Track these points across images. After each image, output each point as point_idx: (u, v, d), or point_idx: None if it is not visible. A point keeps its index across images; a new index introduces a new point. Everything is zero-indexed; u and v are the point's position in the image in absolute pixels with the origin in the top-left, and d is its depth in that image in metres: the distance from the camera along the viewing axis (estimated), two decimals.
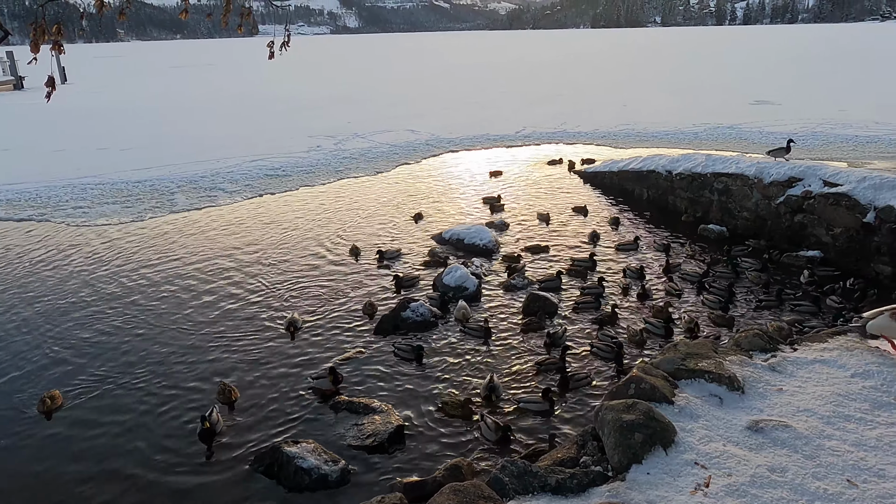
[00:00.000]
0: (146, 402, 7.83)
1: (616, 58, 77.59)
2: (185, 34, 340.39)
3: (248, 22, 4.84)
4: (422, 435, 7.10)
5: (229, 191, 17.85)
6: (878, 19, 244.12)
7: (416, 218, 14.99)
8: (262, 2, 6.63)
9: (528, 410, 7.36)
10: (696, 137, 24.63)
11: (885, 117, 26.30)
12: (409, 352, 8.76)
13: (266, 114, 33.12)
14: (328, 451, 6.64)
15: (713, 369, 4.22)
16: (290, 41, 5.68)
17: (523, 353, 8.83)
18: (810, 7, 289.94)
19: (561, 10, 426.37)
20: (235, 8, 5.23)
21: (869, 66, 52.03)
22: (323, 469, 6.34)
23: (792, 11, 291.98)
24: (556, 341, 8.80)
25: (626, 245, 12.97)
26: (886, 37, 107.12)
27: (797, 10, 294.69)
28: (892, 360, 4.55)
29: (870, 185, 11.55)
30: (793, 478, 3.34)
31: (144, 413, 7.63)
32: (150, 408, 7.70)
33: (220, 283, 11.43)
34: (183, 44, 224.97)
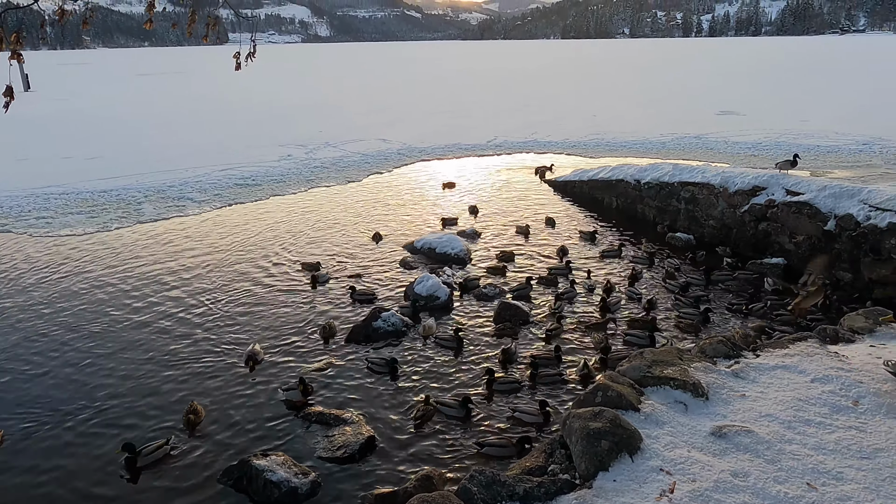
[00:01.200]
0: (108, 421, 7.65)
1: (585, 68, 78.64)
2: (153, 42, 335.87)
3: (214, 31, 4.81)
4: (393, 445, 7.07)
5: (198, 200, 17.63)
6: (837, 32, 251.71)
7: (375, 238, 14.23)
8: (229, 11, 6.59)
9: (522, 421, 7.32)
10: (663, 147, 25.04)
11: (844, 128, 27.05)
12: (383, 365, 8.66)
13: (236, 122, 32.83)
14: (298, 463, 6.57)
15: (678, 376, 4.28)
16: (257, 51, 5.65)
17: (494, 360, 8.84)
18: (773, 20, 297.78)
19: (531, 21, 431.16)
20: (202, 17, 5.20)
21: (829, 78, 53.51)
22: (293, 482, 6.27)
23: (755, 24, 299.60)
24: (511, 357, 8.71)
25: (610, 252, 13.25)
26: (845, 50, 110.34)
27: (760, 23, 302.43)
28: (849, 365, 4.67)
29: (830, 194, 11.87)
30: (755, 482, 3.41)
31: (110, 428, 7.46)
32: (112, 428, 7.51)
33: (184, 296, 11.20)
34: (151, 51, 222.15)
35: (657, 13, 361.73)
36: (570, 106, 38.41)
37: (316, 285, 11.52)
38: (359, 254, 13.35)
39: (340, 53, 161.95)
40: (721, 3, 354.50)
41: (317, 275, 11.78)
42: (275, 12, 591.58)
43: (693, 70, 70.27)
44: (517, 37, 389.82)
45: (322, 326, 9.83)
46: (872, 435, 3.88)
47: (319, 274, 11.84)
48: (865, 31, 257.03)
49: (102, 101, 45.19)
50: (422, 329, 9.72)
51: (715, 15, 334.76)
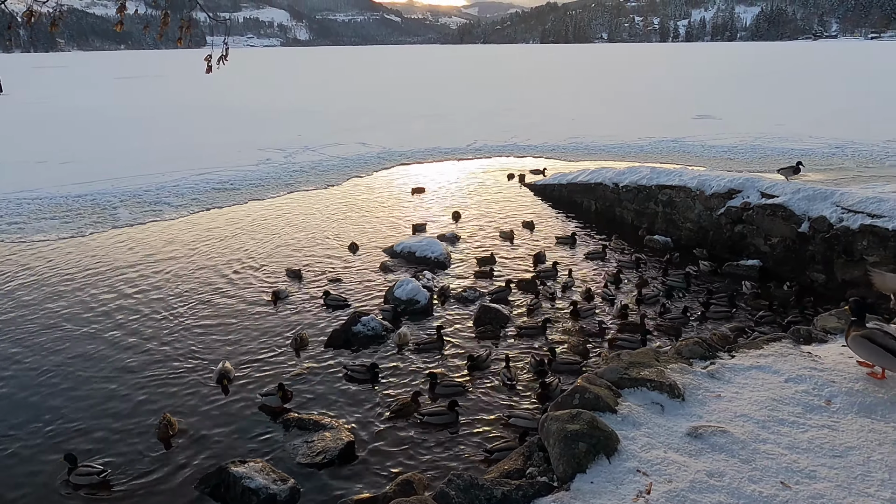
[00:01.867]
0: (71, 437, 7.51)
1: (564, 73, 79.22)
2: (129, 45, 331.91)
3: (187, 35, 4.75)
4: (373, 450, 7.04)
5: (175, 205, 17.44)
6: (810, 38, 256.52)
7: (352, 248, 13.80)
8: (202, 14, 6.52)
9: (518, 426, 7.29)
10: (641, 150, 25.28)
11: (818, 131, 27.53)
12: (363, 372, 8.52)
13: (214, 126, 32.56)
14: (277, 469, 6.51)
15: (655, 377, 4.32)
16: (236, 55, 5.60)
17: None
18: (748, 26, 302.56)
19: (511, 26, 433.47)
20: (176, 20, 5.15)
21: (803, 83, 54.45)
22: (271, 489, 6.20)
23: (731, 30, 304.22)
24: (480, 365, 8.62)
25: (594, 254, 13.38)
26: (819, 55, 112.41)
27: (736, 28, 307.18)
28: (822, 365, 4.74)
29: (803, 197, 12.06)
30: (730, 482, 3.44)
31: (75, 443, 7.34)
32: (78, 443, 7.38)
33: (159, 304, 11.01)
34: (127, 54, 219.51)
35: (635, 18, 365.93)
36: (549, 110, 38.64)
37: (277, 302, 10.98)
38: (338, 258, 13.29)
39: (320, 57, 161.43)
40: (697, 8, 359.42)
41: (277, 291, 11.20)
42: (253, 16, 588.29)
43: (670, 74, 71.11)
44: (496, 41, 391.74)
45: (294, 338, 9.51)
46: (844, 433, 3.94)
47: (280, 290, 11.26)
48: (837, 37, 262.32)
49: (77, 105, 44.55)
50: (396, 338, 9.54)
51: (691, 20, 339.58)
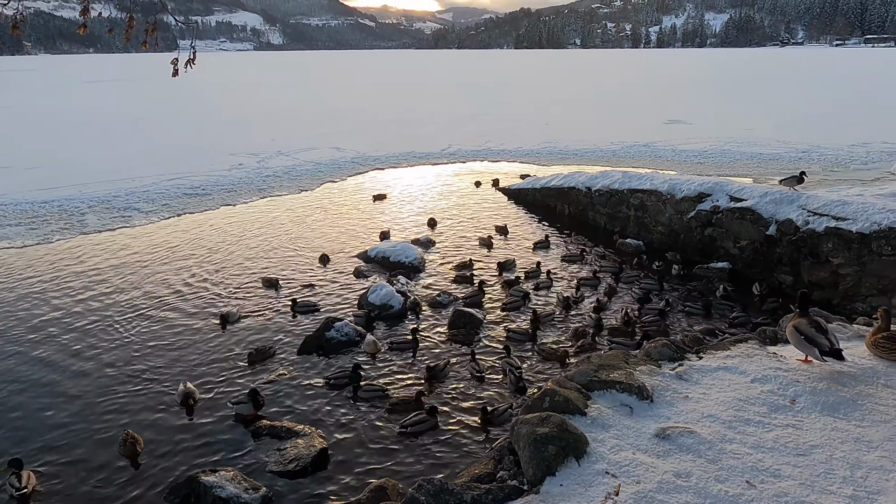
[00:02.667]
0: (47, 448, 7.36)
1: (538, 78, 79.78)
2: (98, 48, 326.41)
3: (153, 38, 4.68)
4: (347, 457, 6.99)
5: (145, 211, 17.17)
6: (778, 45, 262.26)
7: (322, 260, 13.23)
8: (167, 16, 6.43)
9: None
10: (613, 155, 25.55)
11: (786, 136, 28.11)
12: (345, 379, 8.38)
13: (185, 131, 32.17)
14: (248, 478, 6.43)
15: (624, 380, 4.36)
16: (210, 59, 5.54)
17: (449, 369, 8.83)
18: (717, 32, 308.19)
19: (485, 31, 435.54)
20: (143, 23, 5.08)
21: (772, 89, 55.55)
22: (243, 497, 6.13)
23: (701, 36, 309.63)
24: (437, 374, 8.54)
25: (573, 257, 13.51)
26: (786, 61, 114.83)
27: (706, 35, 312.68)
28: (787, 365, 4.83)
29: (771, 200, 12.28)
30: (697, 482, 3.48)
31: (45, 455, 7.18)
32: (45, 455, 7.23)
33: (126, 313, 10.81)
34: (97, 58, 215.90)
35: (607, 24, 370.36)
36: (522, 115, 38.89)
37: (225, 326, 10.18)
38: (311, 264, 13.19)
39: (293, 61, 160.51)
40: (668, 15, 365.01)
41: (226, 314, 10.37)
42: (226, 19, 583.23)
43: (642, 80, 72.03)
44: (471, 46, 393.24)
45: (250, 352, 9.22)
46: (808, 432, 4.01)
47: (230, 313, 10.45)
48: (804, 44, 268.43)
49: (43, 109, 43.70)
50: (365, 346, 9.44)
51: (662, 27, 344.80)
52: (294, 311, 10.76)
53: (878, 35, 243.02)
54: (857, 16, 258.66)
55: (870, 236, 10.38)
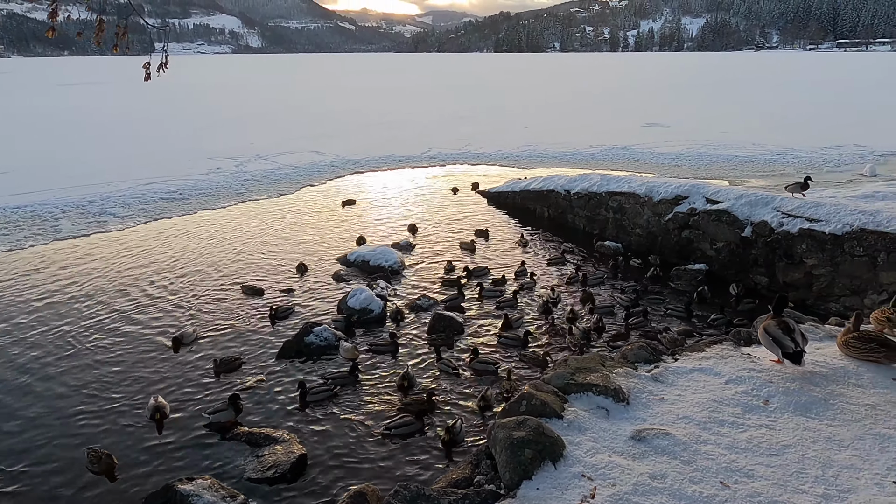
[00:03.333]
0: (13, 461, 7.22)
1: (517, 81, 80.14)
2: (73, 51, 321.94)
3: (123, 41, 4.61)
4: (326, 463, 6.95)
5: (121, 215, 16.95)
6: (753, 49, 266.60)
7: (301, 269, 12.89)
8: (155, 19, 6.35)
9: None
10: (592, 158, 25.73)
11: (761, 139, 28.51)
12: (325, 392, 8.18)
13: (162, 134, 31.83)
14: (226, 486, 6.36)
15: (601, 382, 4.38)
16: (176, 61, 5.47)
17: (430, 371, 8.83)
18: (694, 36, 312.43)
19: (465, 35, 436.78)
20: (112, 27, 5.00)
21: (747, 92, 56.33)
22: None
23: (678, 40, 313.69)
24: (412, 382, 8.39)
25: (556, 259, 13.64)
26: (761, 65, 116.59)
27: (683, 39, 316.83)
28: (761, 366, 4.89)
29: (746, 202, 12.44)
30: (671, 483, 3.51)
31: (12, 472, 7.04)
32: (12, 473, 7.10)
33: (99, 321, 10.64)
34: (71, 61, 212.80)
35: (586, 28, 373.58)
36: (502, 118, 39.03)
37: (179, 348, 9.54)
38: (290, 268, 13.09)
39: (272, 64, 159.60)
40: (645, 19, 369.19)
41: (180, 336, 9.68)
42: (203, 22, 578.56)
43: (620, 83, 72.69)
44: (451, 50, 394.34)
45: (215, 360, 9.05)
46: (781, 432, 4.07)
47: (184, 334, 9.73)
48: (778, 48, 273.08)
49: (16, 113, 42.97)
50: (343, 352, 9.31)
51: (640, 31, 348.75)
52: (273, 318, 10.62)
53: (850, 39, 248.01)
54: (829, 20, 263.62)
55: (842, 237, 10.56)
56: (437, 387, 8.42)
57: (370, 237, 15.18)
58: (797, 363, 4.66)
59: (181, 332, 9.82)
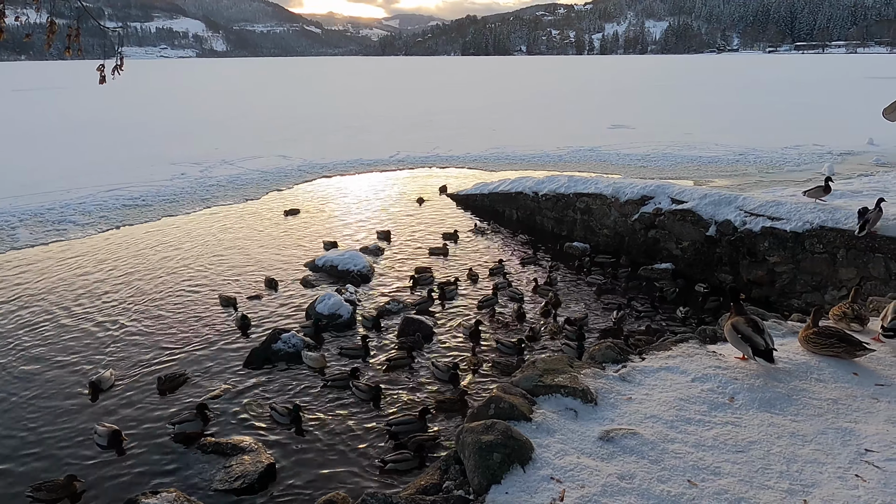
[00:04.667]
0: None
1: (485, 84, 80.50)
2: (31, 55, 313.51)
3: (76, 44, 4.47)
4: (295, 471, 6.85)
5: (81, 223, 16.52)
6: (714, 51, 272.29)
7: (270, 284, 12.24)
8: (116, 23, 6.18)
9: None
10: (560, 159, 25.93)
11: (723, 139, 29.06)
12: (287, 414, 7.73)
13: (124, 140, 31.15)
14: (192, 499, 6.22)
15: (569, 383, 4.38)
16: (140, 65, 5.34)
17: (403, 380, 8.76)
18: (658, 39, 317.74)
19: (432, 38, 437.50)
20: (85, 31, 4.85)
21: (709, 93, 57.43)
22: None
23: (642, 43, 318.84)
24: (371, 393, 8.16)
25: (528, 259, 13.81)
26: (722, 67, 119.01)
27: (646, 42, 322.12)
28: (726, 363, 4.95)
29: (710, 202, 12.64)
30: (640, 483, 3.52)
31: None
32: None
33: (56, 333, 10.37)
34: (28, 65, 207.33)
35: (552, 32, 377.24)
36: (470, 121, 39.12)
37: (97, 395, 8.30)
38: (257, 276, 12.89)
39: (237, 68, 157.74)
40: (610, 23, 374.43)
41: (98, 380, 8.39)
42: (166, 26, 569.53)
43: (586, 86, 73.50)
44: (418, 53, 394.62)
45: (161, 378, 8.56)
46: (746, 429, 4.11)
47: (102, 379, 8.42)
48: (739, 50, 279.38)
49: None
50: (310, 361, 9.10)
51: (605, 34, 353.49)
52: (241, 327, 10.37)
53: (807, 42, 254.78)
54: (787, 24, 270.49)
55: (803, 235, 10.79)
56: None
57: (341, 242, 15.04)
58: (769, 361, 4.72)
59: (98, 377, 8.41)
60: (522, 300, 11.23)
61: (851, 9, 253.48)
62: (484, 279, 12.47)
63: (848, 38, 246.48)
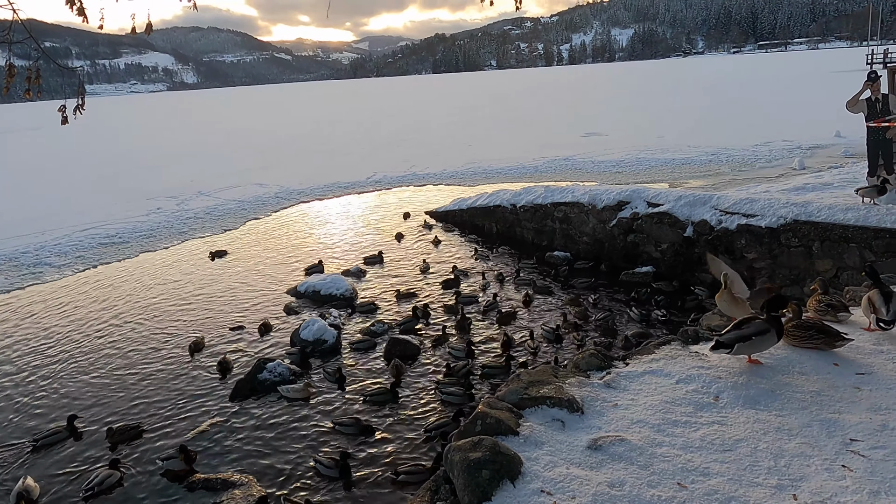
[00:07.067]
0: None
1: (457, 100, 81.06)
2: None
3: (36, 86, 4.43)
4: (288, 502, 6.73)
5: (57, 265, 16.29)
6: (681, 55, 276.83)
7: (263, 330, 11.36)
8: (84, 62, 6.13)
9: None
10: (536, 170, 26.11)
11: (694, 141, 29.47)
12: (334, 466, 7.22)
13: (97, 178, 30.86)
14: None
15: (554, 394, 4.36)
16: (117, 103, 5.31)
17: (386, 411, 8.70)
18: (625, 47, 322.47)
19: (402, 58, 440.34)
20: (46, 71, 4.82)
21: (678, 96, 58.32)
22: None
23: (609, 51, 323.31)
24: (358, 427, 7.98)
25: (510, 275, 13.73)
26: (689, 70, 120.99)
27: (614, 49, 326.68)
28: (709, 363, 4.97)
29: (685, 203, 12.78)
30: (630, 490, 3.50)
31: None
32: None
33: (32, 379, 10.24)
34: None
35: (520, 45, 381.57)
36: (445, 137, 39.32)
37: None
38: (239, 308, 12.78)
39: (208, 99, 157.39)
40: (577, 33, 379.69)
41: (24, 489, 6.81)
42: (135, 61, 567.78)
43: (558, 96, 74.29)
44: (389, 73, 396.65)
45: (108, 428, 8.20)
46: (732, 427, 4.12)
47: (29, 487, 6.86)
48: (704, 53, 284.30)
49: None
50: (293, 392, 8.87)
51: (573, 44, 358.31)
52: (222, 370, 9.85)
53: (770, 41, 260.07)
54: (749, 24, 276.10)
55: (778, 230, 10.94)
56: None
57: (323, 265, 14.97)
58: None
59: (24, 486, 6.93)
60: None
61: (810, 6, 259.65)
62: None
63: (809, 34, 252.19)
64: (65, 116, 4.66)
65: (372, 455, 7.41)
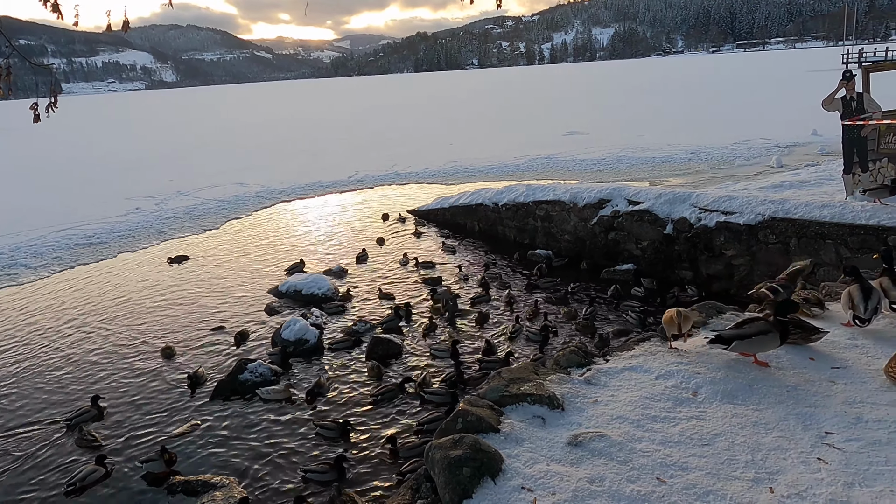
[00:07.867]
0: None
1: (439, 99, 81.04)
2: None
3: (7, 83, 4.36)
4: (270, 503, 6.69)
5: (33, 266, 16.04)
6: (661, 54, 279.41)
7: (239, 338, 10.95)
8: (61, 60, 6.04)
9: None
10: (518, 169, 26.18)
11: (674, 139, 29.72)
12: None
13: (74, 178, 30.42)
14: None
15: (535, 391, 4.39)
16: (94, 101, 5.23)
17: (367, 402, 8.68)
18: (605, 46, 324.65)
19: (384, 57, 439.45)
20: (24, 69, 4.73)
21: (658, 95, 58.78)
22: None
23: (590, 50, 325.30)
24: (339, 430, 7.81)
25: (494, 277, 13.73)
26: (669, 69, 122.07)
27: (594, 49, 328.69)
28: (688, 359, 5.03)
29: (665, 201, 12.88)
30: (610, 485, 3.53)
31: None
32: None
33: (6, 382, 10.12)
34: None
35: (502, 44, 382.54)
36: (427, 136, 39.28)
37: None
38: (220, 306, 12.68)
39: (187, 98, 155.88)
40: (558, 32, 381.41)
41: None
42: (113, 59, 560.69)
43: (539, 95, 74.56)
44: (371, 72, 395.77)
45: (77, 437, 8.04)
46: (710, 422, 4.17)
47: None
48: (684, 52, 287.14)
49: None
50: (272, 394, 8.79)
51: (554, 43, 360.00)
52: (192, 384, 9.37)
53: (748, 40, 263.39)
54: (728, 24, 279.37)
55: (756, 227, 11.07)
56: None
57: (305, 264, 14.89)
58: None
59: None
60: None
61: (787, 6, 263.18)
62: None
63: (786, 34, 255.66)
64: (37, 115, 4.59)
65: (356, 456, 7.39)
